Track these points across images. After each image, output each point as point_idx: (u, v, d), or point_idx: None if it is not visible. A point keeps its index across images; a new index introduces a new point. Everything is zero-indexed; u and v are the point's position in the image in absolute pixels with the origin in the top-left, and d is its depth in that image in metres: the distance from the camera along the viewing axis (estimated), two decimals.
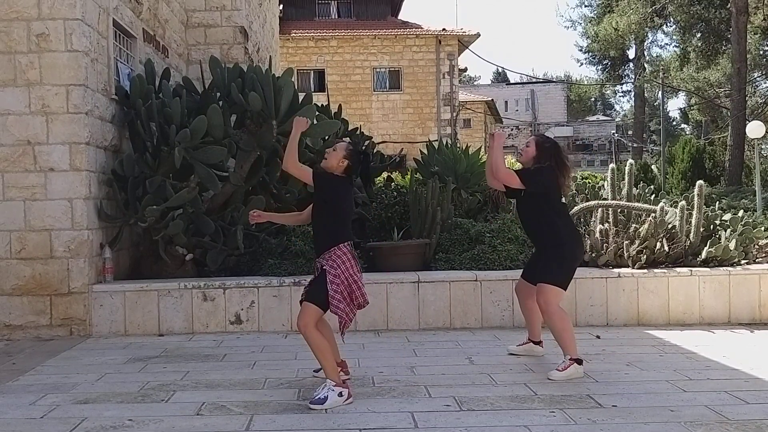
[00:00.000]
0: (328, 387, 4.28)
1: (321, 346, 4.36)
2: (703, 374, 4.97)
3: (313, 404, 4.22)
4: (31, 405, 4.45)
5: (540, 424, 3.90)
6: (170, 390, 4.74)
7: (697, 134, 43.53)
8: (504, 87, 65.12)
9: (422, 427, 3.90)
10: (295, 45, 26.23)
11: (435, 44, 26.81)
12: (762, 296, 6.97)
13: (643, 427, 3.84)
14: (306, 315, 4.37)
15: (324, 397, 4.24)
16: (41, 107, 6.67)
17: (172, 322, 6.79)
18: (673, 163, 27.07)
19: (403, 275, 7.03)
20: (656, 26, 34.23)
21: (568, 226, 5.18)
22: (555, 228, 5.04)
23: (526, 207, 5.21)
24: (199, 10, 10.59)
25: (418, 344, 6.16)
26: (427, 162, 9.92)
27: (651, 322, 6.89)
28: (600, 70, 45.59)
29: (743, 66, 25.14)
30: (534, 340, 5.55)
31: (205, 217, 7.37)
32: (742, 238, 7.32)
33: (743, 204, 14.23)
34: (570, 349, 4.91)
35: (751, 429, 3.78)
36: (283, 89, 7.44)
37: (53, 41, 6.65)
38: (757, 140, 19.25)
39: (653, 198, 8.26)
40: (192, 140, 7.03)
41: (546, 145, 5.13)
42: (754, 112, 30.33)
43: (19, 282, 6.67)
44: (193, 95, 7.97)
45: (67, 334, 6.68)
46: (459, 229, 7.95)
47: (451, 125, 26.76)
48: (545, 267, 5.03)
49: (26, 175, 6.68)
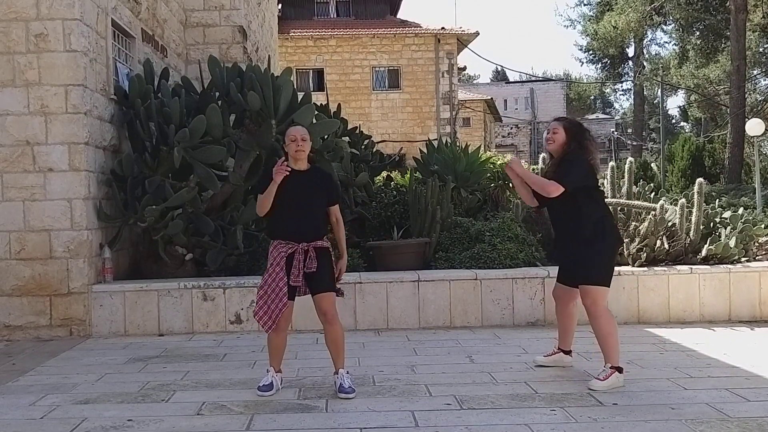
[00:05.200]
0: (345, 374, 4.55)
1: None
2: (704, 372, 4.97)
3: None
4: (31, 405, 4.44)
5: (541, 423, 3.90)
6: (170, 390, 4.73)
7: (696, 132, 43.53)
8: (503, 85, 65.05)
9: (423, 426, 3.89)
10: (294, 44, 26.21)
11: (434, 43, 26.79)
12: (762, 294, 6.97)
13: (643, 425, 3.84)
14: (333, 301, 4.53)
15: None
16: (40, 107, 6.66)
17: (172, 322, 6.79)
18: (672, 161, 27.05)
19: (403, 274, 7.03)
20: (655, 24, 34.23)
21: (609, 216, 4.83)
22: (597, 219, 4.66)
23: (563, 204, 4.72)
24: (197, 10, 10.58)
25: (419, 343, 6.15)
26: (426, 161, 9.91)
27: (651, 320, 6.89)
28: (600, 69, 45.62)
29: (742, 63, 25.13)
30: (565, 350, 5.12)
31: (204, 216, 7.36)
32: (742, 235, 7.32)
33: (743, 201, 14.23)
34: (613, 357, 4.60)
35: (752, 426, 3.78)
36: (282, 89, 7.44)
37: (52, 41, 6.64)
38: (757, 138, 19.25)
39: (653, 196, 8.25)
40: (191, 140, 7.02)
41: (574, 129, 4.83)
42: (753, 109, 30.33)
43: (19, 282, 6.66)
44: (192, 95, 7.96)
45: (67, 334, 6.68)
46: (459, 228, 7.95)
47: (450, 124, 26.74)
48: (587, 266, 4.64)
49: (25, 175, 6.67)
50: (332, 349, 4.57)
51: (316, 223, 4.56)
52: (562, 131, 4.81)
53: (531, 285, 6.91)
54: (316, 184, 4.57)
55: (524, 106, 62.00)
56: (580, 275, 4.68)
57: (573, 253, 4.75)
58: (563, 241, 4.88)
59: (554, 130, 4.83)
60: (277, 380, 4.60)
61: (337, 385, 4.48)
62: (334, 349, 4.56)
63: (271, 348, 4.64)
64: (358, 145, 9.96)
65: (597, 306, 4.60)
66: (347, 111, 14.79)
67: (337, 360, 4.56)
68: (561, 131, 4.81)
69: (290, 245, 4.46)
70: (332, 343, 4.55)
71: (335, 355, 4.57)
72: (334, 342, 4.54)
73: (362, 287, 6.86)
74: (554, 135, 4.82)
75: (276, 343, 4.62)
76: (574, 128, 4.86)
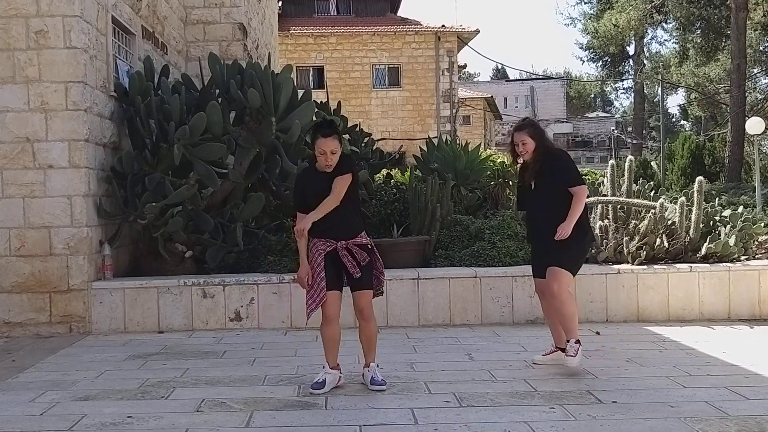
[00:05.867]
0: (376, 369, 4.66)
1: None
2: (703, 370, 4.97)
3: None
4: (31, 402, 4.45)
5: (540, 420, 3.90)
6: (170, 387, 4.74)
7: (696, 131, 43.51)
8: (503, 84, 65.07)
9: (422, 423, 3.90)
10: (294, 42, 26.19)
11: (434, 41, 26.77)
12: (761, 292, 6.97)
13: (642, 423, 3.84)
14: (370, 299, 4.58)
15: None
16: (40, 104, 6.66)
17: (172, 319, 6.79)
18: (672, 160, 27.04)
19: (403, 272, 7.03)
20: (656, 22, 34.17)
21: (586, 212, 5.08)
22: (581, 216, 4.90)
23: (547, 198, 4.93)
24: (198, 7, 10.57)
25: (418, 341, 6.16)
26: (426, 159, 9.91)
27: (651, 319, 6.89)
28: (600, 67, 45.60)
29: (743, 62, 25.10)
30: (562, 347, 5.05)
31: (204, 214, 7.36)
32: (742, 234, 7.32)
33: (743, 200, 14.21)
34: (575, 332, 4.88)
35: (751, 425, 3.78)
36: (282, 86, 7.43)
37: (52, 38, 6.63)
38: (757, 136, 19.24)
39: (653, 194, 8.25)
40: (191, 137, 7.02)
41: (537, 133, 5.04)
42: (753, 108, 30.30)
43: (19, 279, 6.66)
44: (192, 92, 7.96)
45: (67, 331, 6.68)
46: (458, 226, 7.95)
47: (450, 122, 26.73)
48: (562, 251, 4.84)
49: (25, 172, 6.67)
50: (365, 344, 4.64)
51: (349, 221, 4.55)
52: (530, 140, 5.02)
53: (531, 283, 6.85)
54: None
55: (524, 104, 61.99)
56: (553, 258, 4.89)
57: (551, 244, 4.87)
58: (544, 236, 4.94)
59: (523, 142, 5.03)
60: (330, 377, 4.54)
61: (369, 378, 4.59)
62: (367, 344, 4.63)
63: (323, 341, 4.61)
64: (358, 143, 9.96)
65: (562, 290, 4.85)
66: (347, 109, 14.79)
67: (369, 354, 4.65)
68: (529, 140, 5.02)
69: (329, 243, 4.50)
70: (366, 339, 4.62)
71: (367, 350, 4.65)
72: (368, 339, 4.62)
73: None
74: (525, 146, 5.03)
75: (328, 335, 4.56)
76: (537, 132, 5.08)
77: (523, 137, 5.03)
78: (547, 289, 4.92)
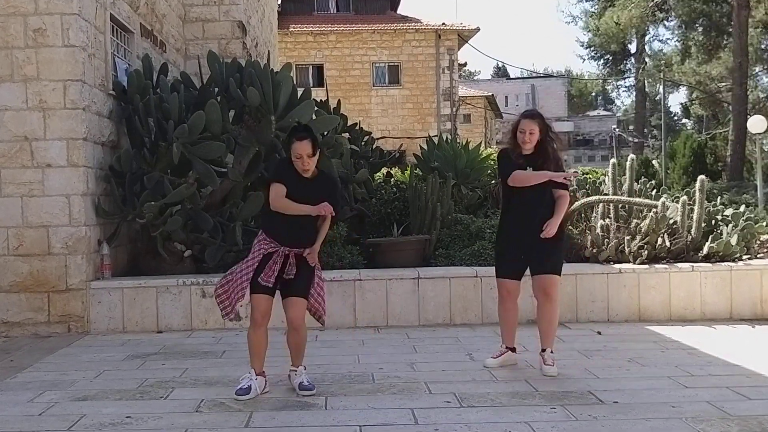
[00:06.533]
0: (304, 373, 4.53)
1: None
2: (705, 370, 4.94)
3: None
4: (29, 402, 4.43)
5: (541, 420, 3.88)
6: (169, 387, 4.72)
7: (698, 129, 43.48)
8: (504, 82, 65.07)
9: (422, 424, 3.87)
10: (293, 40, 26.16)
11: (434, 39, 26.74)
12: (763, 292, 6.94)
13: (644, 423, 3.82)
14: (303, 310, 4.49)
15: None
16: (38, 103, 6.63)
17: (171, 318, 6.77)
18: (674, 158, 26.99)
19: (403, 271, 7.00)
20: (657, 20, 34.16)
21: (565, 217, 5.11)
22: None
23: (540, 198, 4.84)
24: (196, 5, 10.53)
25: (418, 341, 6.13)
26: (426, 157, 9.88)
27: (652, 318, 6.86)
28: (601, 65, 45.60)
29: (744, 60, 25.09)
30: (511, 347, 5.16)
31: (203, 213, 7.33)
32: (744, 233, 7.29)
33: (745, 199, 14.18)
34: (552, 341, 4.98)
35: (753, 425, 3.76)
36: (282, 84, 7.40)
37: (50, 36, 6.61)
38: (759, 135, 19.22)
39: (654, 193, 8.22)
40: (190, 136, 6.99)
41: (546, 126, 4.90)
42: (755, 106, 30.30)
43: (17, 279, 6.64)
44: (191, 90, 7.93)
45: (65, 331, 6.65)
46: (459, 225, 7.92)
47: (450, 120, 26.71)
48: (555, 258, 4.88)
49: (23, 171, 6.64)
50: (293, 349, 4.55)
51: (310, 232, 4.48)
52: (537, 132, 4.83)
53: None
54: (321, 194, 4.38)
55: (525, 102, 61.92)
56: (553, 266, 4.89)
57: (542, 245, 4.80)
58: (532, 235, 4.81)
59: (531, 131, 4.82)
60: (256, 384, 4.39)
61: (297, 383, 4.46)
62: (295, 350, 4.55)
63: (249, 346, 4.51)
64: (357, 142, 9.93)
65: (557, 294, 4.96)
66: (347, 107, 14.74)
67: (297, 358, 4.56)
68: (537, 131, 4.83)
69: (273, 245, 4.42)
70: (295, 345, 4.54)
71: (296, 355, 4.56)
72: (297, 345, 4.53)
73: (362, 284, 6.83)
74: (531, 136, 4.83)
75: (254, 340, 4.47)
76: (546, 126, 4.90)
77: (533, 126, 4.82)
78: (546, 294, 4.90)
